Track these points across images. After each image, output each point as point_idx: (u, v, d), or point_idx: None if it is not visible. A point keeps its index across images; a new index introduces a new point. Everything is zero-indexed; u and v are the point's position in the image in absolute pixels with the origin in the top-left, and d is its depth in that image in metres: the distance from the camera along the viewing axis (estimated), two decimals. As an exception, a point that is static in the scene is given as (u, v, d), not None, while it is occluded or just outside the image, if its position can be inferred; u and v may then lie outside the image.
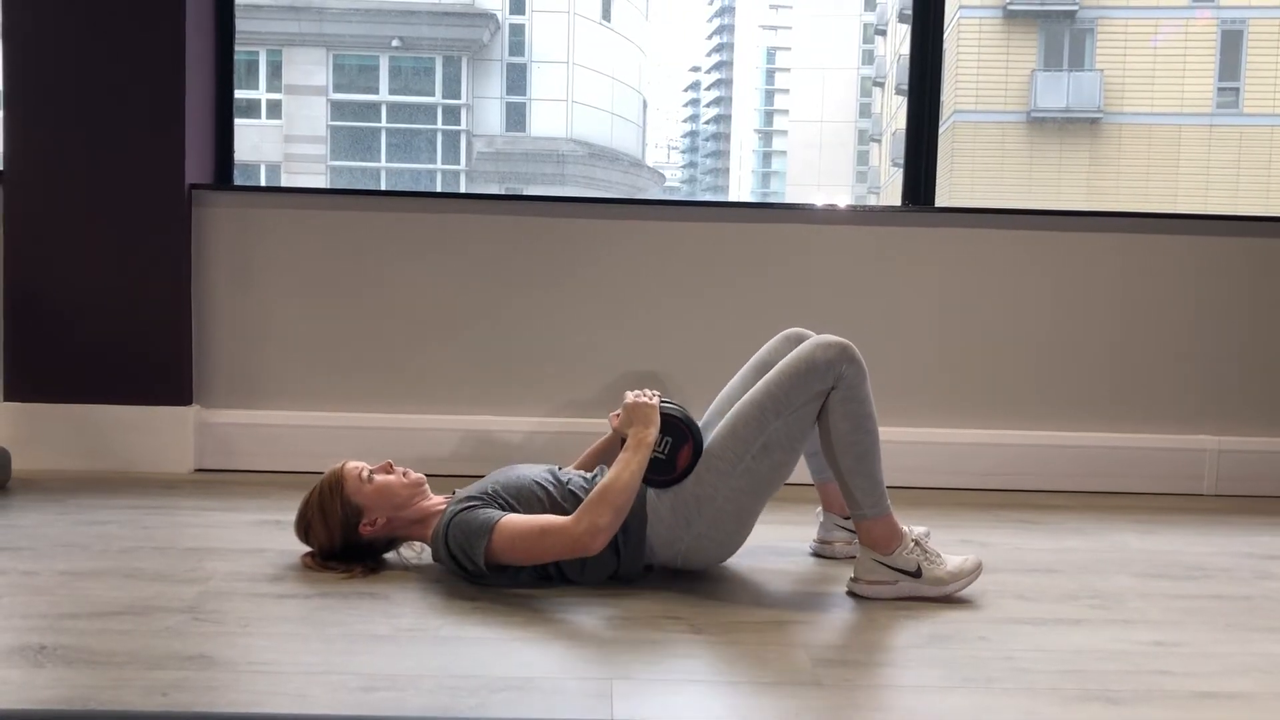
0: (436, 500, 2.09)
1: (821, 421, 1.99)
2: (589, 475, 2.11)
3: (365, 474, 2.04)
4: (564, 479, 2.07)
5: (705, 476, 1.98)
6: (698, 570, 2.09)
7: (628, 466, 1.93)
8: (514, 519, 1.92)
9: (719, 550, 2.04)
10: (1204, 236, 3.12)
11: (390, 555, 2.14)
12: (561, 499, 2.01)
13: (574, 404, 3.08)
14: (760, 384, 2.01)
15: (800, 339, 2.20)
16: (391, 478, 2.06)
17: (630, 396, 2.04)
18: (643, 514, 1.99)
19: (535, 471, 2.08)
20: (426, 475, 2.22)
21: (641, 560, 2.01)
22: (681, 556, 2.02)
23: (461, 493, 2.03)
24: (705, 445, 2.01)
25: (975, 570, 2.00)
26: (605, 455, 2.24)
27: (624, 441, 1.99)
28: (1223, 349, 3.14)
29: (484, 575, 1.94)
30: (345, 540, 2.04)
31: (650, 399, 2.03)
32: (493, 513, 1.93)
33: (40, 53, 2.90)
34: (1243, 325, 3.14)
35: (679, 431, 1.99)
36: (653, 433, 1.97)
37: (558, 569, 2.00)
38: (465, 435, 3.03)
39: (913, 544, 1.98)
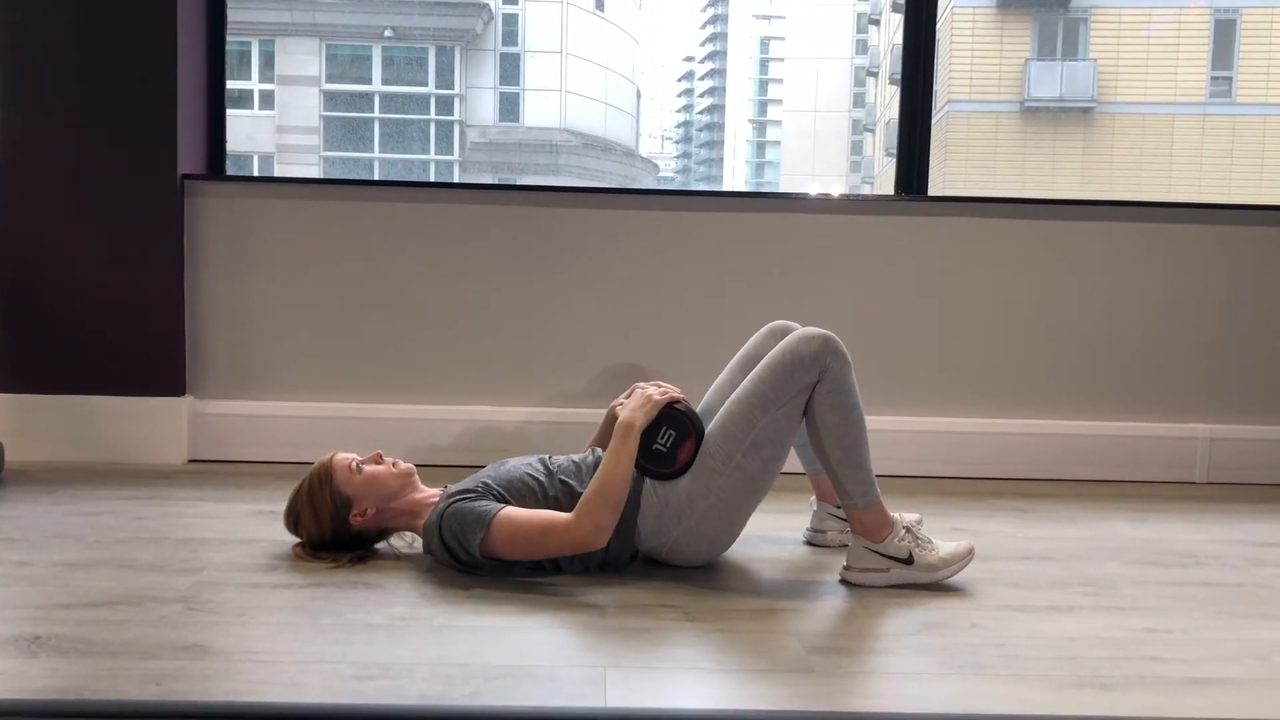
0: (427, 492, 2.09)
1: (809, 415, 2.00)
2: (577, 459, 2.10)
3: (355, 465, 2.05)
4: (553, 468, 2.07)
5: (697, 474, 1.99)
6: (681, 565, 2.07)
7: (619, 461, 1.93)
8: (512, 513, 1.92)
9: (706, 548, 2.04)
10: (1197, 225, 3.13)
11: (381, 545, 2.14)
12: (552, 488, 2.02)
13: (567, 394, 3.08)
14: (747, 381, 2.01)
15: (785, 331, 2.21)
16: (381, 468, 2.06)
17: (642, 386, 2.05)
18: (636, 503, 2.00)
19: (525, 462, 2.09)
20: (420, 465, 2.22)
21: (630, 547, 2.02)
22: (667, 549, 2.03)
23: (454, 487, 2.03)
24: None
25: (967, 556, 2.01)
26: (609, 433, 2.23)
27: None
28: (1215, 337, 3.15)
29: (478, 565, 1.94)
30: (335, 531, 2.04)
31: (660, 394, 2.02)
32: (491, 505, 1.93)
33: (32, 43, 2.89)
34: (1234, 314, 3.15)
35: (683, 426, 1.99)
36: (639, 419, 1.97)
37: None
38: (459, 425, 3.03)
39: (904, 531, 1.99)
